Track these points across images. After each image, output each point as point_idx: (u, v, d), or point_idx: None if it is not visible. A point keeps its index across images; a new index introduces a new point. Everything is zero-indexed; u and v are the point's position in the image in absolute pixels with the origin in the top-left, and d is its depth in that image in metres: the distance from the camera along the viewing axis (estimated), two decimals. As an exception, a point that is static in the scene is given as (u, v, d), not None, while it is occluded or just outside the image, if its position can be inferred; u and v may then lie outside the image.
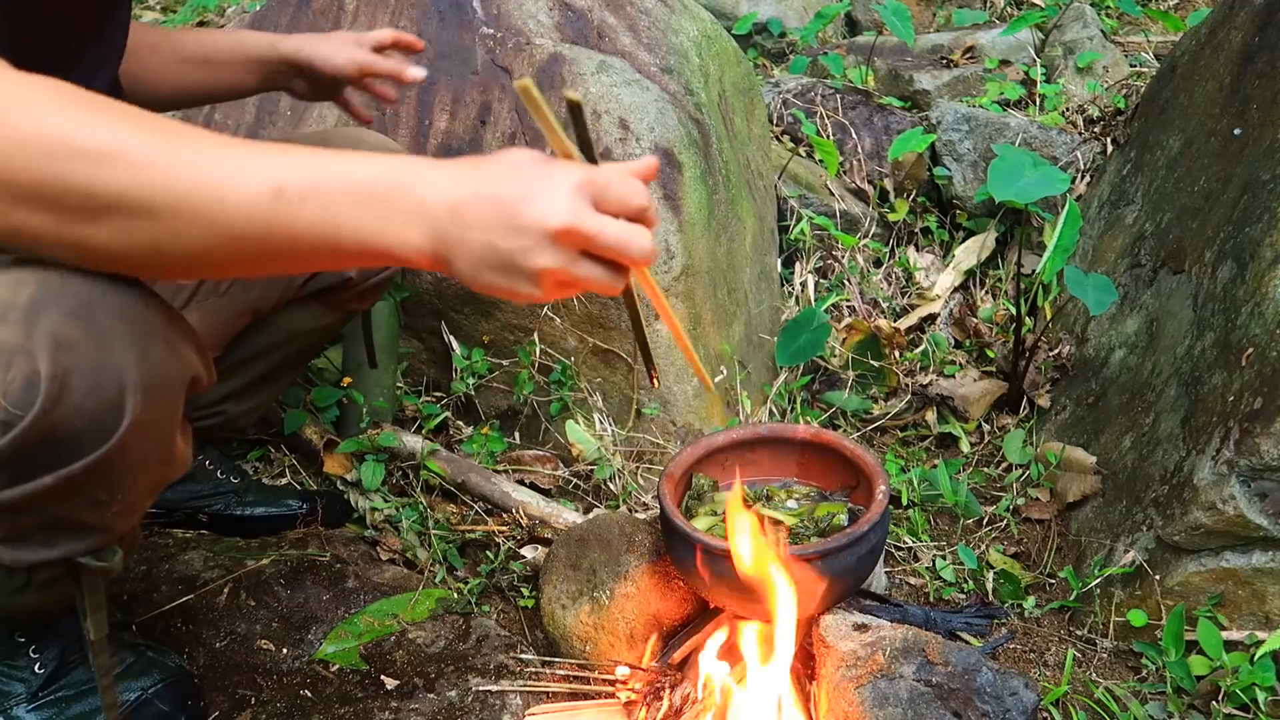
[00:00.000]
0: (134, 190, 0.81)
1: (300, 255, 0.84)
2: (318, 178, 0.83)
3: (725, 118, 2.08)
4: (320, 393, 1.89)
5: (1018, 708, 1.20)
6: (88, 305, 0.90)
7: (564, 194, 0.81)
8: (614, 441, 1.83)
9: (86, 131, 0.81)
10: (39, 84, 0.82)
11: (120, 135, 0.81)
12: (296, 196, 0.81)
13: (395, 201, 0.83)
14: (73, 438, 0.92)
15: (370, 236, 0.83)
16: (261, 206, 0.81)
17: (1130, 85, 2.68)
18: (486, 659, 1.48)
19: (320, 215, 0.82)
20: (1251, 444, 1.43)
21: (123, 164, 0.81)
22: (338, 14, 1.99)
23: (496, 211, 0.81)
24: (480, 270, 0.83)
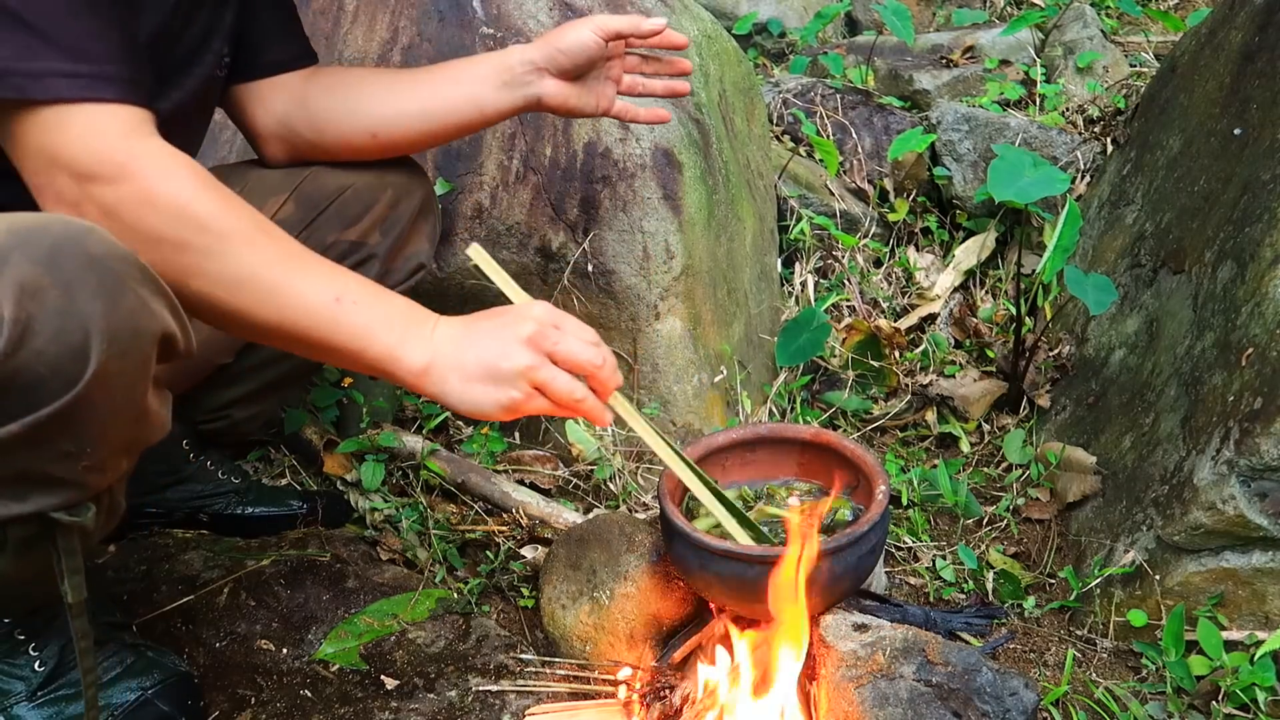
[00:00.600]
0: (232, 268, 1.05)
1: (330, 348, 1.09)
2: (368, 296, 1.10)
3: (725, 118, 2.08)
4: (320, 393, 1.89)
5: (1018, 708, 1.20)
6: (55, 254, 0.94)
7: (533, 312, 1.11)
8: (614, 441, 1.83)
9: (212, 212, 1.04)
10: (187, 162, 1.06)
11: (236, 222, 1.05)
12: (350, 305, 1.08)
13: (413, 326, 1.10)
14: (36, 384, 0.94)
15: (388, 350, 1.08)
16: (322, 305, 1.07)
17: (1130, 85, 2.68)
18: (486, 659, 1.48)
19: (360, 324, 1.08)
20: (1251, 444, 1.43)
21: (232, 244, 1.04)
22: (338, 14, 1.99)
23: (483, 332, 1.10)
24: (468, 384, 1.08)
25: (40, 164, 1.03)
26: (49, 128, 1.02)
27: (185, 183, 1.04)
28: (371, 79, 1.45)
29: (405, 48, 1.94)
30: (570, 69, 1.41)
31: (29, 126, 1.03)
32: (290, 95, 1.44)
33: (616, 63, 1.47)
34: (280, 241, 1.08)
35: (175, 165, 1.05)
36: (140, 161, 1.03)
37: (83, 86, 1.03)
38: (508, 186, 1.87)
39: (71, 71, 1.02)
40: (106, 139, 1.03)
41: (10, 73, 1.01)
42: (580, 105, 1.45)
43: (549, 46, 1.41)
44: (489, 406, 1.09)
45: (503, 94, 1.42)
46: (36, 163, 1.04)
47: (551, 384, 1.09)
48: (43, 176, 1.03)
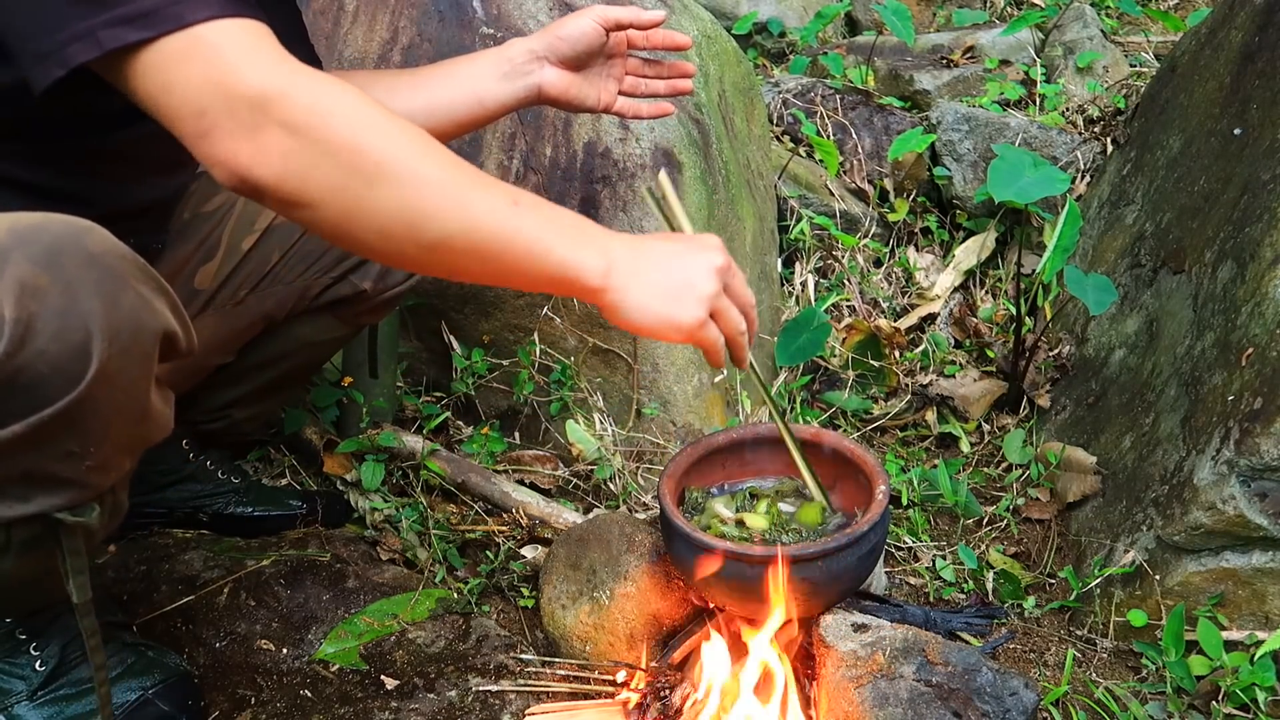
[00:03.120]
0: (418, 167, 0.99)
1: (510, 257, 1.02)
2: (540, 203, 1.05)
3: (725, 118, 2.08)
4: (320, 393, 1.89)
5: (1018, 708, 1.20)
6: (56, 253, 0.94)
7: (719, 245, 1.11)
8: (614, 441, 1.83)
9: (389, 118, 1.00)
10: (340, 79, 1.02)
11: (410, 127, 1.01)
12: (528, 208, 1.03)
13: (590, 234, 1.06)
14: (39, 383, 0.94)
15: (569, 255, 1.03)
16: (502, 207, 1.01)
17: (1130, 85, 2.68)
18: (486, 659, 1.48)
19: (541, 226, 1.03)
20: (1251, 444, 1.43)
21: (413, 146, 1.00)
22: (338, 14, 1.99)
23: (669, 253, 1.09)
24: (652, 297, 1.06)
25: (208, 98, 0.95)
26: (211, 54, 0.96)
27: (355, 95, 1.00)
28: (372, 82, 1.45)
29: (405, 48, 1.94)
30: (571, 57, 1.41)
31: (186, 59, 0.96)
32: None
33: (619, 62, 1.47)
34: (449, 153, 1.04)
35: (339, 81, 1.02)
36: (308, 76, 0.99)
37: (230, 5, 0.98)
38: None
39: None
40: (267, 56, 0.98)
41: (161, 6, 0.95)
42: (581, 97, 1.44)
43: (549, 35, 1.41)
44: (672, 322, 1.07)
45: (503, 85, 1.41)
46: (203, 98, 0.95)
47: (727, 313, 1.09)
48: (212, 111, 0.95)
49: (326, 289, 1.56)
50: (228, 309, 1.50)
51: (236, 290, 1.51)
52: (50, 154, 1.16)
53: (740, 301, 1.12)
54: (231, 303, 1.51)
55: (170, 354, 1.04)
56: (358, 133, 0.97)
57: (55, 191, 1.16)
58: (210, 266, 1.49)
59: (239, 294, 1.51)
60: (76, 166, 1.18)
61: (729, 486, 1.47)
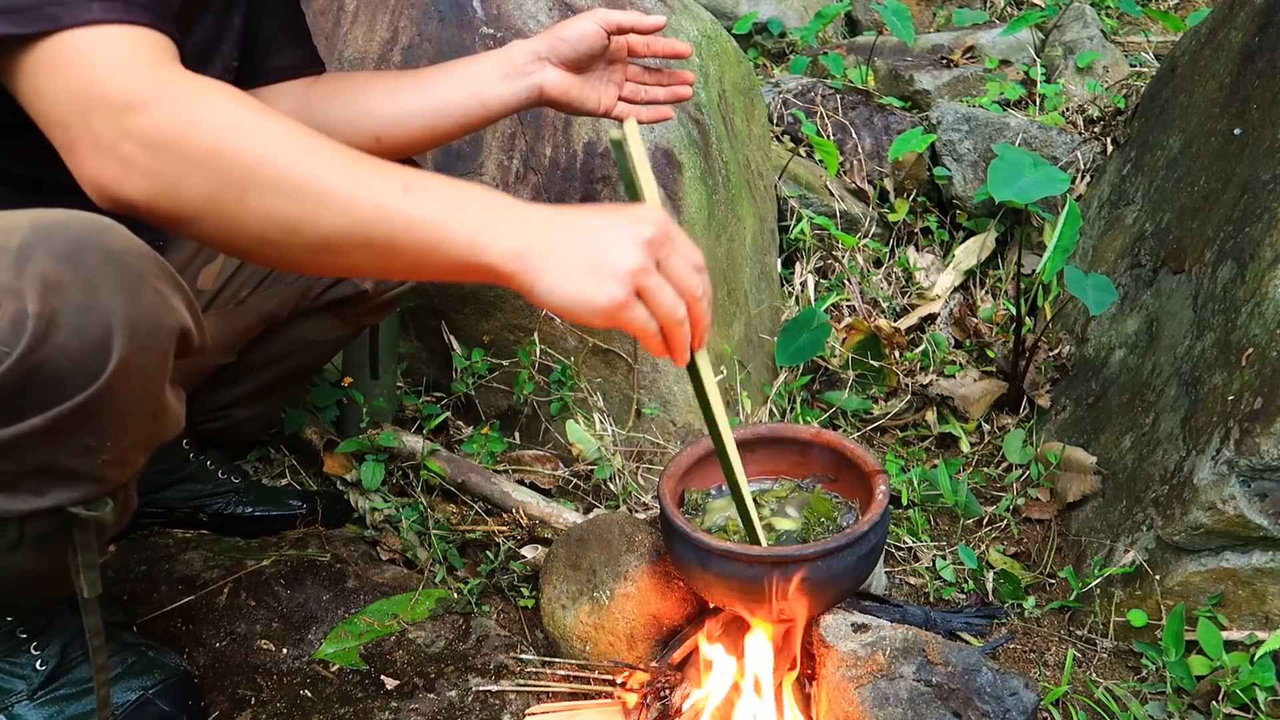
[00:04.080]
0: (289, 171, 0.93)
1: (408, 248, 0.95)
2: (440, 184, 0.96)
3: (725, 118, 2.08)
4: (320, 393, 1.89)
5: (1018, 708, 1.20)
6: (77, 249, 0.94)
7: (655, 216, 0.99)
8: (614, 441, 1.83)
9: (257, 120, 0.95)
10: (220, 84, 0.97)
11: (283, 127, 0.95)
12: (420, 192, 0.94)
13: (501, 209, 0.96)
14: (59, 377, 0.95)
15: (474, 237, 0.94)
16: (390, 197, 0.94)
17: (1130, 85, 2.68)
18: (486, 659, 1.48)
19: (438, 210, 0.94)
20: (1251, 444, 1.43)
21: (284, 149, 0.94)
22: (338, 14, 1.99)
23: (594, 225, 0.96)
24: (567, 276, 0.94)
25: (71, 108, 0.93)
26: (79, 61, 0.93)
27: (224, 99, 0.96)
28: (373, 82, 1.45)
29: (405, 48, 1.94)
30: (572, 58, 1.41)
31: (56, 66, 0.94)
32: (294, 103, 1.43)
33: (620, 69, 1.47)
34: (335, 145, 0.98)
35: (210, 85, 0.97)
36: (175, 85, 0.95)
37: (116, 10, 0.95)
38: (508, 186, 1.87)
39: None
40: (138, 67, 0.94)
41: (38, 4, 0.93)
42: (582, 99, 1.44)
43: (551, 36, 1.41)
44: (588, 302, 0.95)
45: (505, 86, 1.41)
46: (66, 108, 0.94)
47: (657, 293, 0.97)
48: (75, 125, 0.93)
49: (327, 289, 1.56)
50: (229, 309, 1.50)
51: (238, 290, 1.51)
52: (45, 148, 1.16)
53: (678, 283, 0.99)
54: (233, 303, 1.51)
55: (184, 351, 1.05)
56: (222, 140, 0.93)
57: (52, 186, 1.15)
58: (212, 267, 1.49)
59: (241, 294, 1.51)
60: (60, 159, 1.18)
61: (723, 489, 1.47)
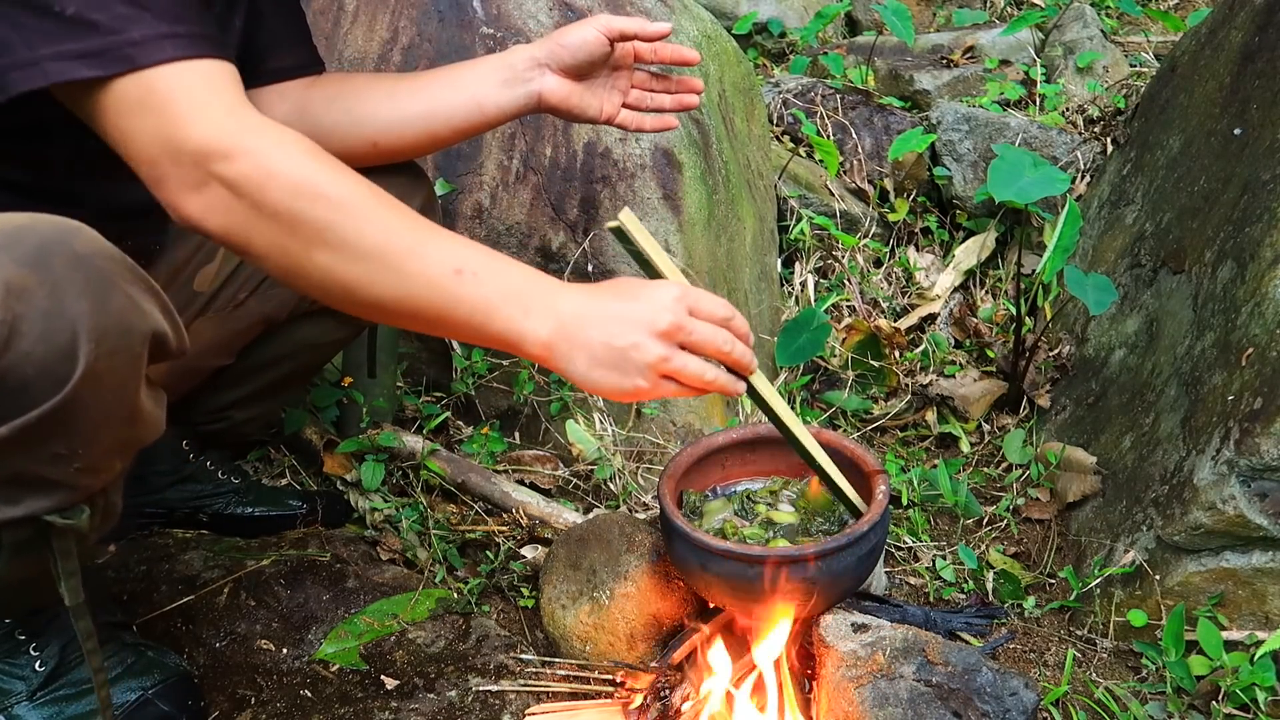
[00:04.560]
0: (353, 237, 1.00)
1: (450, 324, 1.04)
2: (489, 268, 1.03)
3: (725, 118, 2.08)
4: (320, 393, 1.89)
5: (1018, 708, 1.20)
6: (43, 254, 0.93)
7: (667, 301, 1.04)
8: (614, 441, 1.83)
9: (330, 182, 1.01)
10: (294, 134, 1.03)
11: (354, 191, 1.02)
12: (470, 278, 1.02)
13: (536, 299, 1.03)
14: (24, 386, 0.93)
15: (511, 326, 1.02)
16: (442, 278, 1.01)
17: (1130, 85, 2.68)
18: (486, 659, 1.48)
19: (480, 298, 1.02)
20: (1251, 444, 1.43)
21: (352, 215, 1.01)
22: (338, 14, 1.99)
23: (613, 316, 1.03)
24: (593, 367, 1.02)
25: (157, 149, 0.99)
26: (161, 105, 0.98)
27: (301, 154, 1.01)
28: (372, 86, 1.44)
29: (405, 48, 1.94)
30: (572, 65, 1.39)
31: (140, 108, 0.99)
32: (292, 104, 1.42)
33: (625, 75, 1.44)
34: (399, 211, 1.04)
35: (288, 136, 1.02)
36: (254, 135, 1.00)
37: (185, 46, 0.99)
38: (508, 186, 1.87)
39: (170, 33, 0.99)
40: (218, 112, 1.00)
41: (114, 46, 0.97)
42: (583, 107, 1.42)
43: (551, 42, 1.39)
44: (616, 390, 1.03)
45: (504, 92, 1.39)
46: (152, 149, 0.99)
47: (682, 372, 1.04)
48: (162, 164, 0.99)
49: None
50: (228, 311, 1.50)
51: (236, 292, 1.50)
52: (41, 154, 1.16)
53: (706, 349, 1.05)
54: (231, 305, 1.50)
55: (161, 355, 1.03)
56: (297, 197, 0.99)
57: (47, 191, 1.15)
58: (210, 269, 1.49)
59: (239, 296, 1.51)
60: (67, 167, 1.18)
61: (721, 489, 1.47)
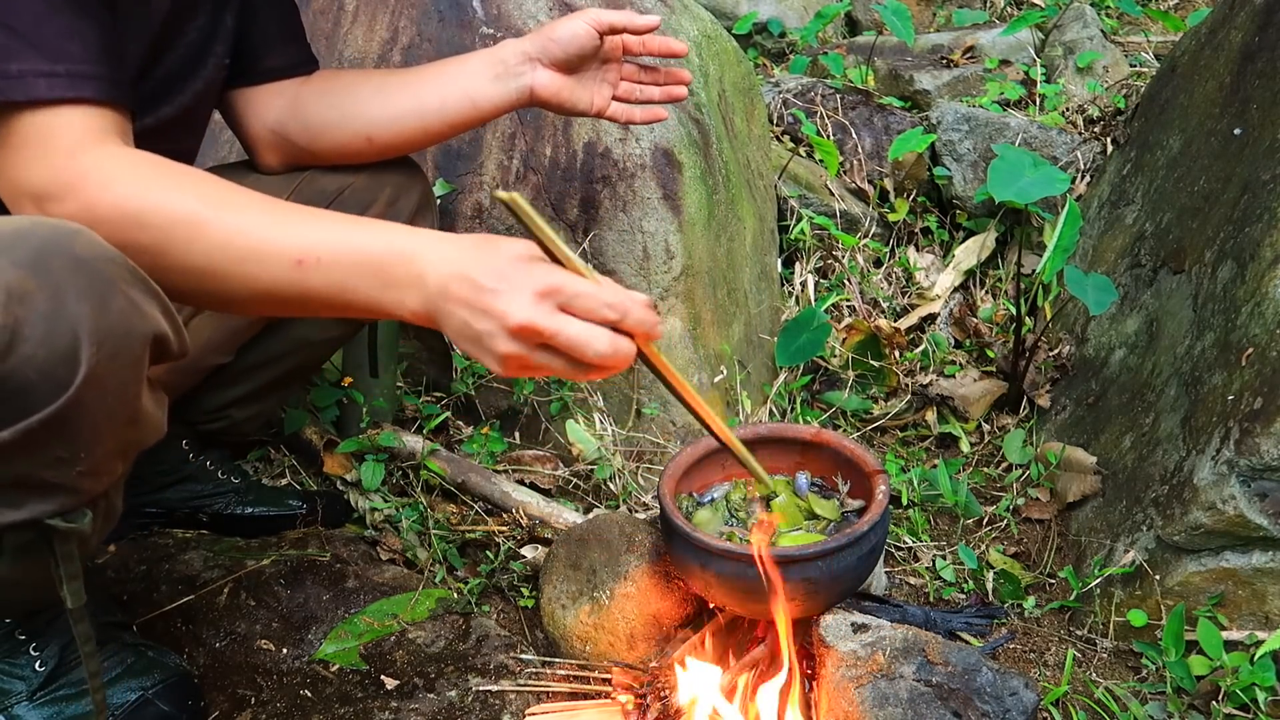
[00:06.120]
0: (186, 256, 1.02)
1: (315, 309, 1.03)
2: (334, 251, 1.00)
3: (725, 118, 2.08)
4: (320, 393, 1.89)
5: (1018, 708, 1.20)
6: (43, 257, 0.93)
7: (526, 297, 0.93)
8: (614, 441, 1.83)
9: (159, 205, 1.02)
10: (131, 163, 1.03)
11: (185, 208, 1.02)
12: (313, 266, 1.00)
13: (397, 273, 0.99)
14: (26, 389, 0.93)
15: (373, 300, 1.00)
16: (284, 273, 1.01)
17: (1130, 85, 2.68)
18: (486, 659, 1.48)
19: (331, 282, 1.00)
20: (1251, 444, 1.43)
21: (182, 234, 1.02)
22: (338, 14, 1.99)
23: (472, 298, 0.95)
24: (458, 339, 0.98)
25: (7, 192, 1.04)
26: (11, 146, 1.01)
27: (125, 187, 1.02)
28: (364, 82, 1.44)
29: (405, 48, 1.94)
30: (563, 59, 1.40)
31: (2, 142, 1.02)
32: (285, 102, 1.43)
33: (614, 68, 1.46)
34: (237, 211, 1.03)
35: (116, 172, 1.03)
36: (84, 177, 1.02)
37: (60, 87, 1.01)
38: (508, 186, 1.87)
39: (49, 71, 1.01)
40: (56, 157, 1.02)
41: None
42: (574, 100, 1.43)
43: (541, 36, 1.40)
44: (484, 363, 0.97)
45: (495, 87, 1.40)
46: (4, 191, 1.04)
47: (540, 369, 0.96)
48: (12, 204, 1.04)
49: None
50: None
51: None
52: None
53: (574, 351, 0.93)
54: None
55: (162, 357, 1.03)
56: (124, 229, 1.01)
57: None
58: None
59: None
60: None
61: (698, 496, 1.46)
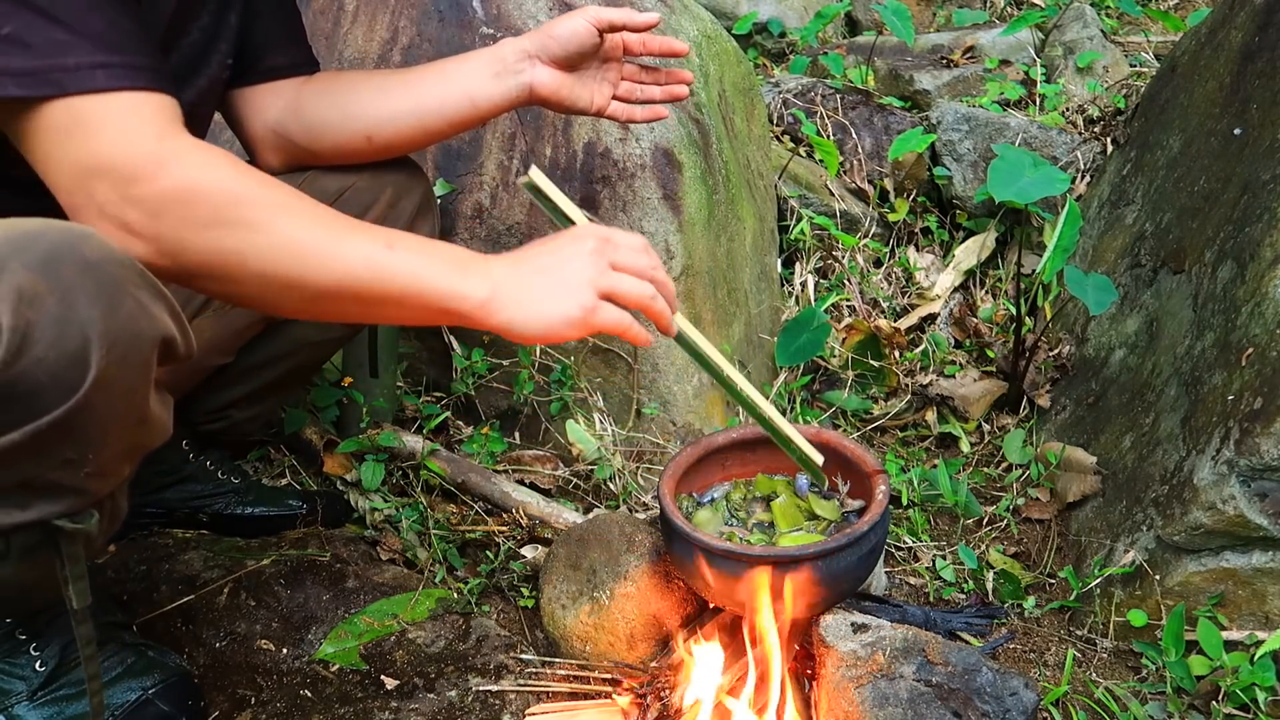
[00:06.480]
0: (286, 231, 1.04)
1: (389, 297, 1.06)
2: (416, 241, 1.09)
3: (725, 118, 2.08)
4: (320, 393, 1.89)
5: (1018, 708, 1.20)
6: (53, 260, 0.93)
7: (588, 237, 1.10)
8: (614, 441, 1.83)
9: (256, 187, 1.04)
10: (220, 152, 1.05)
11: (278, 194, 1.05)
12: (402, 249, 1.06)
13: (470, 263, 1.08)
14: (37, 391, 0.93)
15: (449, 286, 1.06)
16: (377, 252, 1.05)
17: (1130, 85, 2.68)
18: (486, 659, 1.48)
19: (416, 264, 1.06)
20: (1251, 444, 1.43)
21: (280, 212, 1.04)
22: (337, 14, 1.99)
23: (543, 256, 1.09)
24: (534, 304, 1.06)
25: (75, 176, 1.01)
26: (85, 132, 1.00)
27: (223, 168, 1.04)
28: (364, 81, 1.44)
29: (405, 48, 1.94)
30: (562, 57, 1.40)
31: (63, 134, 1.01)
32: (286, 102, 1.43)
33: (615, 68, 1.46)
34: (320, 208, 1.08)
35: (211, 154, 1.05)
36: (179, 156, 1.03)
37: (118, 77, 1.01)
38: (508, 186, 1.87)
39: (105, 62, 1.01)
40: (143, 139, 1.02)
41: (47, 69, 0.98)
42: (573, 98, 1.43)
43: (541, 34, 1.40)
44: (563, 317, 1.06)
45: (495, 84, 1.40)
46: (71, 175, 1.01)
47: (619, 286, 1.08)
48: (79, 192, 1.01)
49: None
50: (226, 309, 1.50)
51: None
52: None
53: (633, 269, 1.09)
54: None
55: (169, 359, 1.04)
56: (226, 205, 1.02)
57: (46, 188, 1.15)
58: None
59: None
60: None
61: (698, 496, 1.46)
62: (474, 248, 1.84)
